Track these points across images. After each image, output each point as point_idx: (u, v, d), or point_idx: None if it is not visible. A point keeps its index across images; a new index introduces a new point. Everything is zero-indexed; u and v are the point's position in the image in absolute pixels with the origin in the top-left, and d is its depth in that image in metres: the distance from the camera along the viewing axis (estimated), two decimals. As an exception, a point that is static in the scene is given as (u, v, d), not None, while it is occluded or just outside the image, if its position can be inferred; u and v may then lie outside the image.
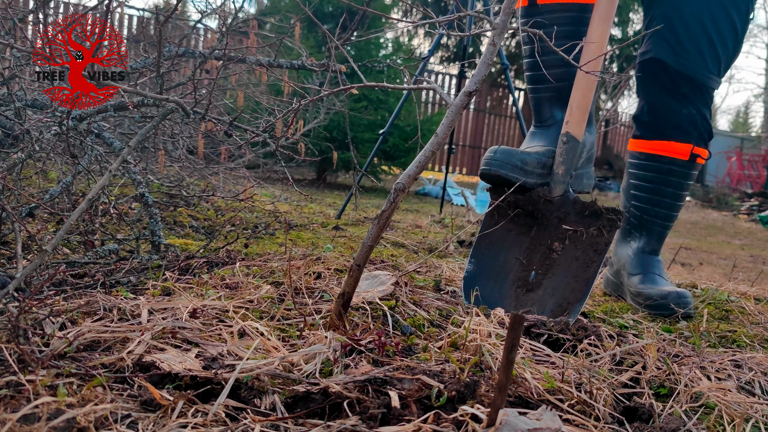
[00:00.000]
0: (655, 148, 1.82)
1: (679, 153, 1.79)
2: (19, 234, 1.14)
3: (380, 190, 6.28)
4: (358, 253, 1.10)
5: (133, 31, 7.35)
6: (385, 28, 6.55)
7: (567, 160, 1.48)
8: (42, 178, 2.34)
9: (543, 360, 1.10)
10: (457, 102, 1.09)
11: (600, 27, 1.43)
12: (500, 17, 1.09)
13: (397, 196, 1.09)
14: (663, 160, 1.81)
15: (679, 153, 1.79)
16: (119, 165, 1.29)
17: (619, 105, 13.19)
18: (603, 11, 1.44)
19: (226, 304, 1.20)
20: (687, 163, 1.79)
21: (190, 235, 2.15)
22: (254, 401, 0.81)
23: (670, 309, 1.62)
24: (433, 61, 11.52)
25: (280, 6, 6.57)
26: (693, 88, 1.73)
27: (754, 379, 1.11)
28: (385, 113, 5.94)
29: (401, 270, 1.66)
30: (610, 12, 1.44)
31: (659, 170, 1.82)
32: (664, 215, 1.85)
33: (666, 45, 1.71)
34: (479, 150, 11.48)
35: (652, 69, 1.76)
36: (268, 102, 2.94)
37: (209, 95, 1.43)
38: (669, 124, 1.79)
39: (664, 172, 1.81)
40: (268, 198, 3.55)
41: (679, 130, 1.78)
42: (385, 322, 1.22)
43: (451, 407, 0.83)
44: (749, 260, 3.92)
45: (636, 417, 0.92)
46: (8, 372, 0.80)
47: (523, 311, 1.37)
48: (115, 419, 0.74)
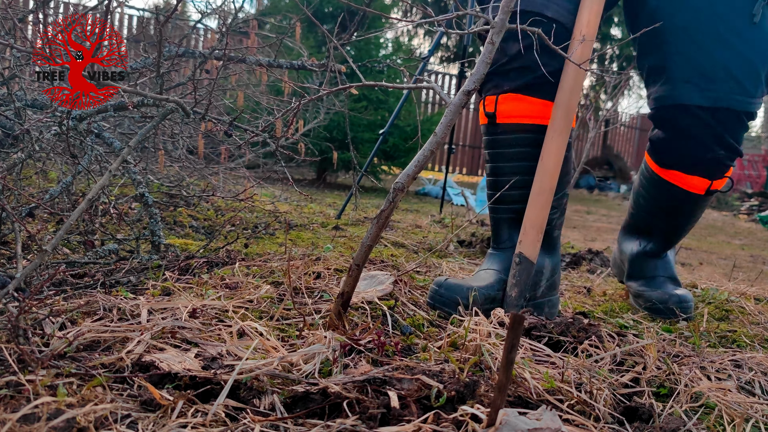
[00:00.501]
0: (669, 177, 1.66)
1: (695, 188, 1.64)
2: (19, 234, 1.14)
3: (380, 190, 6.28)
4: (357, 252, 1.10)
5: (133, 31, 7.35)
6: (385, 28, 6.55)
7: (520, 282, 1.36)
8: (42, 178, 2.34)
9: (543, 360, 1.10)
10: (456, 101, 1.09)
11: (555, 141, 1.36)
12: (499, 16, 1.09)
13: (396, 196, 1.09)
14: (675, 190, 1.66)
15: (695, 188, 1.64)
16: (119, 165, 1.29)
17: (619, 105, 13.19)
18: (558, 125, 1.38)
19: (225, 304, 1.20)
20: (702, 197, 1.66)
21: (190, 235, 2.15)
22: (254, 401, 0.81)
23: (670, 312, 1.62)
24: (433, 61, 11.52)
25: (280, 6, 6.57)
26: (727, 121, 1.51)
27: (754, 379, 1.11)
28: (385, 113, 5.93)
29: (401, 270, 1.66)
30: (565, 127, 1.36)
31: (670, 197, 1.69)
32: (671, 231, 1.79)
33: (688, 85, 1.49)
34: (479, 150, 11.48)
35: (674, 114, 1.55)
36: (268, 102, 2.94)
37: (209, 95, 1.43)
38: (689, 163, 1.61)
39: (676, 199, 1.68)
40: (268, 198, 3.55)
41: (699, 169, 1.61)
42: (385, 322, 1.23)
43: (451, 407, 0.83)
44: (749, 260, 3.92)
45: (636, 417, 0.92)
46: (8, 372, 0.80)
47: (522, 311, 1.37)
48: (115, 419, 0.74)
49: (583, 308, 1.66)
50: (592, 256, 2.66)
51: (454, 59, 11.62)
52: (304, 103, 1.22)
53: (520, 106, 1.42)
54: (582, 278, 2.16)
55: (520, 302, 1.38)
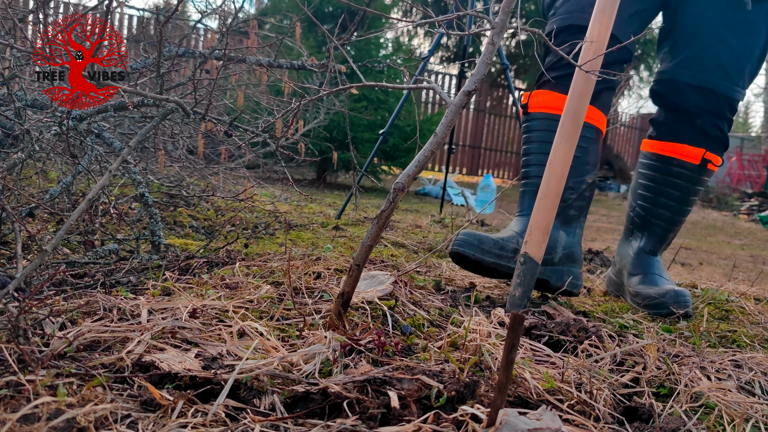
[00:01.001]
0: (666, 150, 1.83)
1: (690, 156, 1.80)
2: (19, 234, 1.14)
3: (380, 190, 6.28)
4: (357, 252, 1.10)
5: (133, 31, 7.35)
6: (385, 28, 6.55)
7: (524, 282, 1.40)
8: (42, 178, 2.34)
9: (543, 360, 1.10)
10: (456, 101, 1.09)
11: (563, 146, 1.42)
12: (499, 16, 1.09)
13: (396, 196, 1.09)
14: (673, 162, 1.82)
15: (691, 156, 1.80)
16: (119, 165, 1.29)
17: (619, 105, 13.19)
18: (567, 132, 1.42)
19: (225, 304, 1.20)
20: (697, 167, 1.80)
21: (190, 235, 2.15)
22: (254, 401, 0.81)
23: (667, 308, 1.62)
24: (433, 61, 11.52)
25: (280, 6, 6.57)
26: (714, 100, 1.75)
27: (754, 379, 1.11)
28: (385, 113, 5.93)
29: (401, 270, 1.66)
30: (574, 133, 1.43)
31: (668, 172, 1.83)
32: (668, 218, 1.85)
33: (683, 65, 1.76)
34: (479, 150, 11.48)
35: (671, 87, 1.80)
36: (268, 102, 2.94)
37: (209, 95, 1.43)
38: (684, 129, 1.81)
39: (672, 174, 1.82)
40: (268, 198, 3.55)
41: (693, 135, 1.80)
42: (385, 322, 1.22)
43: (451, 407, 0.83)
44: (749, 260, 3.92)
45: (636, 417, 0.92)
46: (8, 372, 0.80)
47: (522, 311, 1.37)
48: (115, 419, 0.74)
49: (583, 308, 1.66)
50: (592, 256, 2.66)
51: (454, 59, 11.62)
52: (304, 103, 1.22)
53: (544, 99, 1.70)
54: (582, 278, 2.16)
55: (524, 302, 1.39)
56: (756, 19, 1.69)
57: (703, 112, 1.77)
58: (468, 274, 1.82)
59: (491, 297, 1.60)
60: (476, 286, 1.70)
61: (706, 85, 1.73)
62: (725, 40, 1.70)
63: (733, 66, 1.72)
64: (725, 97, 1.75)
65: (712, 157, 1.79)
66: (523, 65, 11.58)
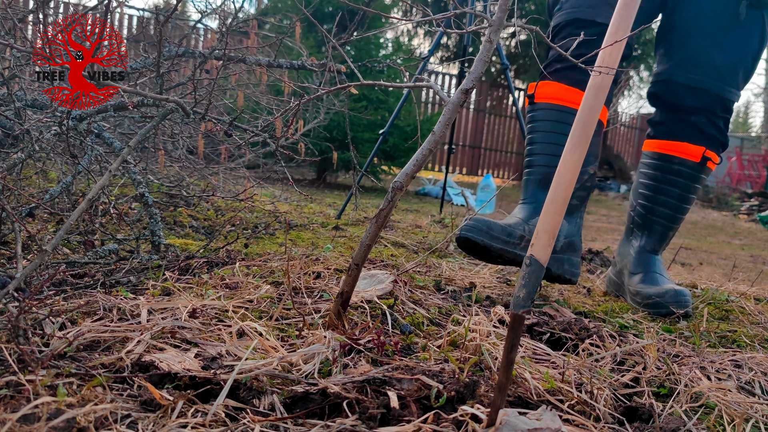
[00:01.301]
0: (666, 148, 1.86)
1: (690, 155, 1.82)
2: (19, 234, 1.14)
3: (380, 190, 6.28)
4: (356, 252, 1.10)
5: (133, 31, 7.35)
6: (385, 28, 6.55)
7: (529, 284, 1.42)
8: (42, 178, 2.34)
9: (543, 360, 1.10)
10: (454, 99, 1.09)
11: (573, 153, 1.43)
12: (496, 14, 1.09)
13: (394, 195, 1.09)
14: (674, 160, 1.84)
15: (691, 155, 1.82)
16: (119, 165, 1.29)
17: (619, 105, 13.19)
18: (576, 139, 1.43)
19: (225, 304, 1.20)
20: (697, 165, 1.82)
21: (190, 235, 2.15)
22: (253, 401, 0.81)
23: (667, 308, 1.62)
24: (433, 61, 11.52)
25: (280, 6, 6.57)
26: (708, 100, 1.78)
27: (754, 379, 1.11)
28: (385, 113, 5.94)
29: (401, 269, 1.66)
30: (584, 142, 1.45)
31: (668, 170, 1.85)
32: (668, 216, 1.87)
33: (679, 66, 1.80)
34: (479, 150, 11.48)
35: (666, 87, 1.84)
36: (268, 102, 2.94)
37: (209, 95, 1.43)
38: (682, 127, 1.84)
39: (673, 172, 1.84)
40: (268, 198, 3.55)
41: (692, 133, 1.82)
42: (384, 321, 1.22)
43: (451, 407, 0.83)
44: (749, 260, 3.92)
45: (636, 417, 0.92)
46: (8, 372, 0.80)
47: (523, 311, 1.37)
48: (115, 419, 0.74)
49: (583, 308, 1.66)
50: (592, 256, 2.66)
51: (453, 59, 11.62)
52: (304, 103, 1.22)
53: (551, 90, 1.73)
54: (582, 278, 2.16)
55: (527, 303, 1.40)
56: (750, 22, 1.73)
57: (697, 111, 1.80)
58: (468, 274, 1.82)
59: (491, 297, 1.60)
60: (476, 285, 1.70)
61: (700, 86, 1.77)
62: (720, 42, 1.74)
63: (728, 67, 1.76)
64: (719, 97, 1.78)
65: (711, 155, 1.82)
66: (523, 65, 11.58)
